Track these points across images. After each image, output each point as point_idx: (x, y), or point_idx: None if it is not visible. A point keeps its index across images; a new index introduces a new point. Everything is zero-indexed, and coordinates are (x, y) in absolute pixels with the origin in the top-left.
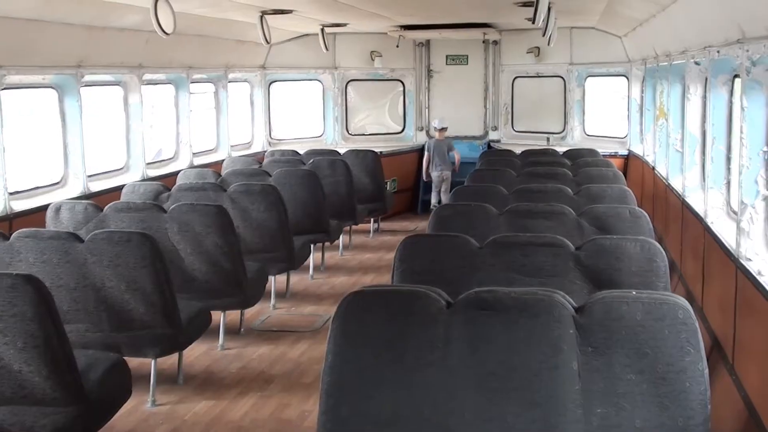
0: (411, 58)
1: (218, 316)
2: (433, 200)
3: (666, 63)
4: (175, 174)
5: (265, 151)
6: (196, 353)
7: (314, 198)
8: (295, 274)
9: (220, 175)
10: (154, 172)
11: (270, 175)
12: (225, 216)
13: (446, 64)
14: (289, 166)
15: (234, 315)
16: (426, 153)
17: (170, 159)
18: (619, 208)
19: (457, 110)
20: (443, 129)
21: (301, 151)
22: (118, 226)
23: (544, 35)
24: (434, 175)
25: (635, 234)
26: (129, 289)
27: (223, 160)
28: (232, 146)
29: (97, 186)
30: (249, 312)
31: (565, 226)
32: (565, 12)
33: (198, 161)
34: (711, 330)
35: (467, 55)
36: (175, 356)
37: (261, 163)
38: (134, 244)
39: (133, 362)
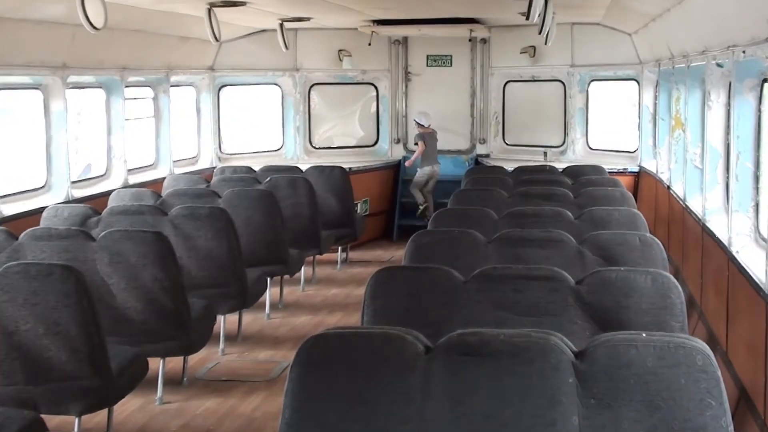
0: (386, 59)
1: (156, 364)
2: (419, 199)
3: (683, 65)
4: (107, 194)
5: (213, 168)
6: (130, 409)
7: (271, 223)
8: (249, 312)
9: (160, 195)
10: (80, 193)
11: (219, 196)
12: (165, 244)
13: (427, 65)
14: (241, 186)
15: (175, 362)
16: (420, 142)
17: (100, 177)
18: (628, 235)
19: (439, 119)
20: (429, 126)
21: (256, 168)
22: (37, 257)
23: (540, 33)
24: (426, 170)
25: (646, 265)
26: (49, 333)
27: (163, 179)
28: (174, 162)
29: (10, 209)
30: (193, 358)
31: (564, 256)
32: (566, 5)
33: (134, 179)
34: (737, 378)
35: (451, 56)
36: (103, 412)
37: (209, 182)
38: (56, 279)
39: (53, 421)
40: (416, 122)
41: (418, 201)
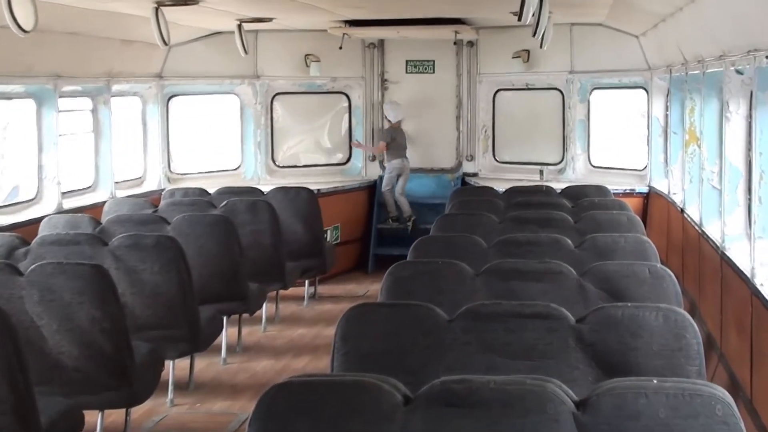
0: (359, 64)
1: (94, 417)
2: (390, 205)
3: (697, 71)
4: (37, 221)
5: (162, 190)
6: None
7: (228, 253)
8: (202, 357)
9: (99, 222)
10: (6, 220)
11: (168, 223)
12: (105, 279)
13: (406, 72)
14: (194, 210)
15: (117, 415)
16: (381, 143)
17: (30, 201)
18: (636, 266)
19: (420, 134)
20: (399, 121)
21: (211, 190)
22: None
23: (534, 35)
24: (395, 163)
25: (657, 300)
26: None
27: (104, 203)
28: (116, 183)
29: None
30: (137, 411)
31: (563, 291)
32: (564, 4)
33: (69, 204)
34: (764, 430)
35: (433, 61)
36: None
37: (156, 207)
38: None
39: None
40: (385, 116)
41: (388, 208)
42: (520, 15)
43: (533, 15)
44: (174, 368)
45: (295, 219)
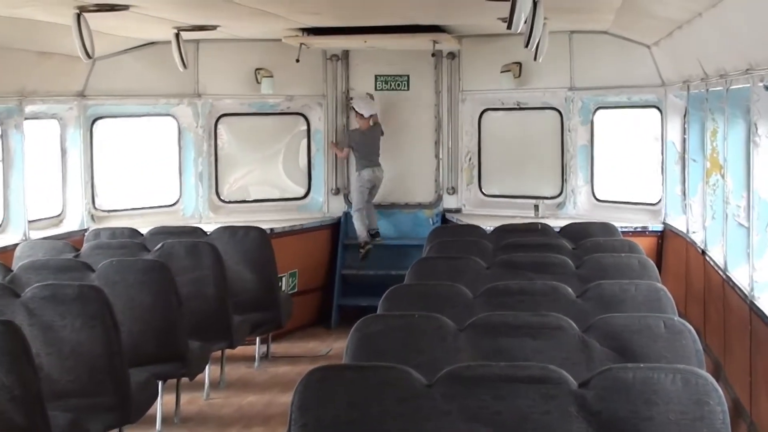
0: (319, 80)
1: None
2: (361, 231)
3: (720, 87)
4: None
5: (85, 231)
6: None
7: (164, 306)
8: (133, 430)
9: (10, 270)
10: None
11: (93, 270)
12: (17, 337)
13: (375, 88)
14: (123, 255)
15: None
16: (346, 149)
17: None
18: (649, 319)
19: (392, 162)
20: (372, 116)
21: (144, 230)
22: None
23: (527, 45)
24: (365, 174)
25: (675, 360)
26: None
27: (15, 246)
28: (30, 223)
29: None
30: None
31: (563, 349)
32: (562, 8)
33: None
34: None
35: (408, 76)
36: None
37: (78, 250)
38: None
39: None
40: (355, 111)
41: (358, 234)
42: (509, 22)
43: (525, 22)
44: None
45: (244, 264)
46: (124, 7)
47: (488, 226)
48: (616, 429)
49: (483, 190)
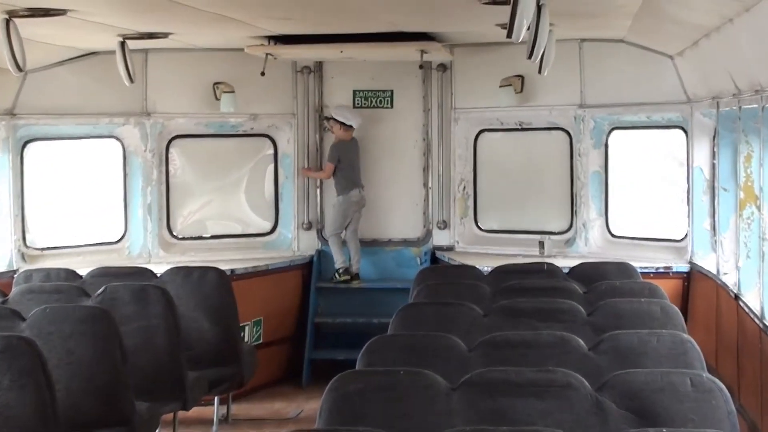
0: (288, 96)
1: None
2: (338, 255)
3: (754, 105)
4: None
5: (14, 272)
6: None
7: (106, 360)
8: None
9: None
10: None
11: (23, 319)
12: None
13: (354, 106)
14: (59, 301)
15: None
16: (329, 165)
17: None
18: (674, 375)
19: (374, 192)
20: (350, 127)
21: (83, 272)
22: None
23: (531, 56)
24: (353, 195)
25: (704, 423)
26: None
27: None
28: None
29: None
30: None
31: (573, 411)
32: (570, 13)
33: None
34: None
35: (391, 91)
36: None
37: (6, 295)
38: None
39: None
40: (335, 120)
41: (335, 259)
42: (510, 29)
43: (528, 29)
44: None
45: (201, 311)
46: (61, 12)
47: (485, 266)
48: None
49: (479, 224)
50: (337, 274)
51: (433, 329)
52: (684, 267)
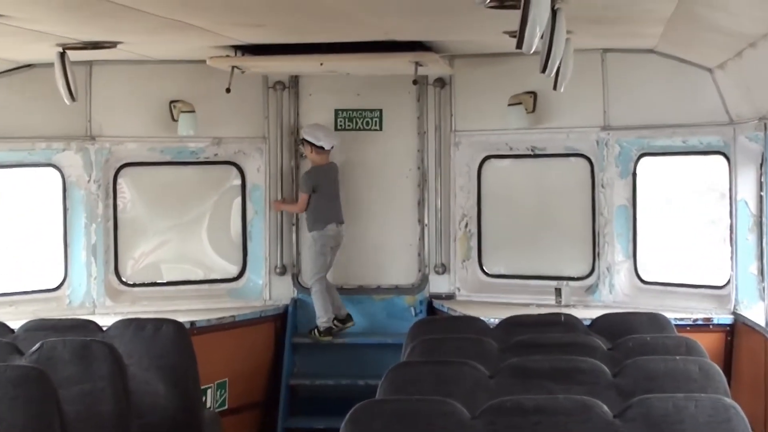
0: (259, 117)
1: None
2: (322, 305)
3: None
4: None
5: None
6: None
7: (42, 430)
8: None
9: None
10: None
11: None
12: None
13: (337, 127)
14: None
15: None
16: (303, 195)
17: None
18: None
19: (360, 230)
20: (322, 149)
21: (16, 325)
22: None
23: (545, 70)
24: (329, 229)
25: None
26: None
27: None
28: None
29: None
30: None
31: None
32: (590, 18)
33: None
34: None
35: (380, 110)
36: None
37: None
38: None
39: None
40: (307, 142)
41: (319, 314)
42: (520, 37)
43: (542, 37)
44: None
45: (154, 372)
46: None
47: (492, 318)
48: None
49: (484, 268)
50: (316, 332)
51: (430, 393)
52: (726, 318)
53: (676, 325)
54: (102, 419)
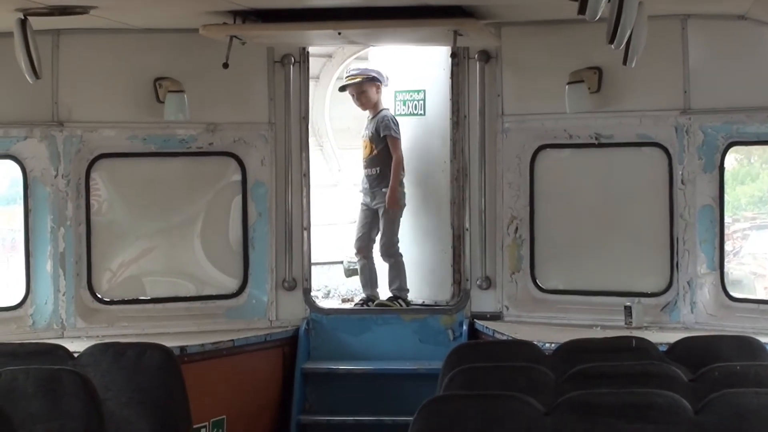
0: (262, 97)
1: None
2: (392, 248)
3: None
4: None
5: None
6: None
7: None
8: None
9: None
10: None
11: None
12: None
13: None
14: None
15: None
16: (399, 140)
17: None
18: None
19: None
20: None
21: None
22: None
23: (612, 40)
24: (367, 202)
25: None
26: None
27: None
28: None
29: None
30: None
31: None
32: None
33: None
34: None
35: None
36: None
37: None
38: None
39: None
40: (372, 81)
41: (401, 282)
42: (583, 3)
43: (609, 1)
44: None
45: (136, 408)
46: None
47: (548, 342)
48: None
49: (538, 281)
50: (402, 302)
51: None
52: None
53: None
54: None
